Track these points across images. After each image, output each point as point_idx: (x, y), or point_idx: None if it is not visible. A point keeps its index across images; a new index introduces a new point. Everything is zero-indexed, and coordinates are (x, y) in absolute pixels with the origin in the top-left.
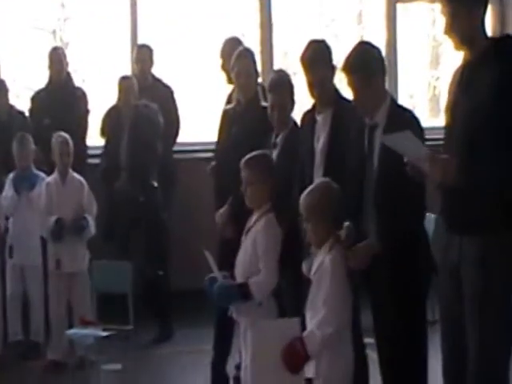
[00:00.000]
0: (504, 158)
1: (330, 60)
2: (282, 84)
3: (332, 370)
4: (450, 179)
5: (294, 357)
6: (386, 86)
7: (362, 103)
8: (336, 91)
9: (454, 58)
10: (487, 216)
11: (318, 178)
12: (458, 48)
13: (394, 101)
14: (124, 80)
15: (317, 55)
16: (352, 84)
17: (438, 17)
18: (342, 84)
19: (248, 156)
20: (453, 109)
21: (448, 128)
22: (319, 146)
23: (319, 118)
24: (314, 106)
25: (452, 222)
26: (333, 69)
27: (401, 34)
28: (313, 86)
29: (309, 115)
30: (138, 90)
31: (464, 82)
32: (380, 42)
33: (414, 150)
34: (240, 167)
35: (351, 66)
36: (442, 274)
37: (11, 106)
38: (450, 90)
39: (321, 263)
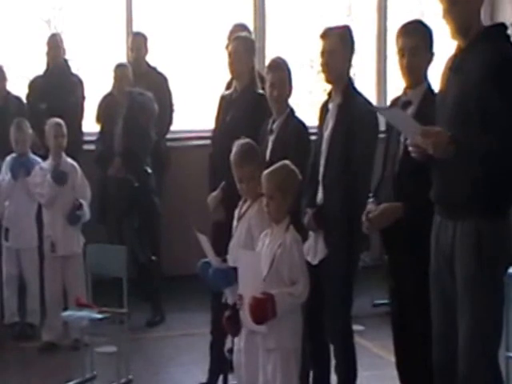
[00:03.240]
0: (493, 136)
1: (352, 48)
2: (282, 64)
3: (288, 339)
4: (442, 151)
5: (262, 311)
6: (375, 77)
7: (411, 70)
8: (350, 82)
9: (441, 50)
10: (482, 202)
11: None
12: (453, 36)
13: (430, 87)
14: (119, 67)
15: (342, 40)
16: (410, 46)
17: (426, 10)
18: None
19: (241, 153)
20: (445, 91)
21: (439, 108)
22: (326, 134)
23: (330, 106)
24: (329, 96)
25: (446, 207)
26: (351, 57)
27: (391, 26)
28: (328, 70)
29: (324, 105)
30: (132, 77)
31: (456, 65)
32: (370, 34)
33: (408, 126)
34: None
35: (415, 27)
36: (434, 254)
37: (8, 92)
38: (443, 75)
39: (283, 242)
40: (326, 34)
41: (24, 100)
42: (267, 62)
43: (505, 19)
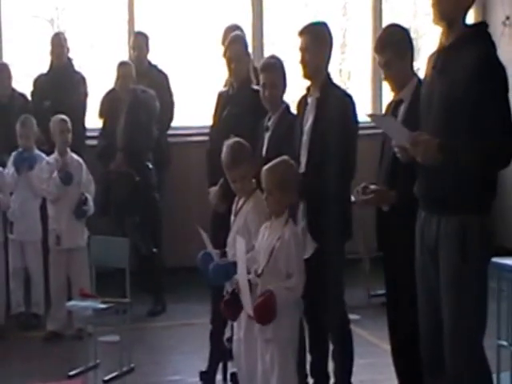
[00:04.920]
0: (480, 136)
1: (330, 44)
2: (274, 64)
3: (286, 330)
4: (431, 158)
5: (268, 312)
6: (371, 76)
7: (392, 79)
8: (328, 77)
9: (429, 49)
10: (466, 197)
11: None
12: (436, 22)
13: (420, 81)
14: (122, 65)
15: (318, 37)
16: (383, 61)
17: (419, 10)
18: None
19: (231, 155)
20: (429, 91)
21: (424, 110)
22: (306, 127)
23: (309, 100)
24: (307, 91)
25: (430, 203)
26: (328, 53)
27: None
28: (306, 66)
29: (303, 99)
30: (135, 75)
31: (440, 65)
32: (365, 33)
33: (398, 133)
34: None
35: (384, 43)
36: (419, 249)
37: (13, 89)
38: (425, 74)
39: (281, 235)
40: (303, 32)
41: (29, 97)
42: None
43: (496, 18)
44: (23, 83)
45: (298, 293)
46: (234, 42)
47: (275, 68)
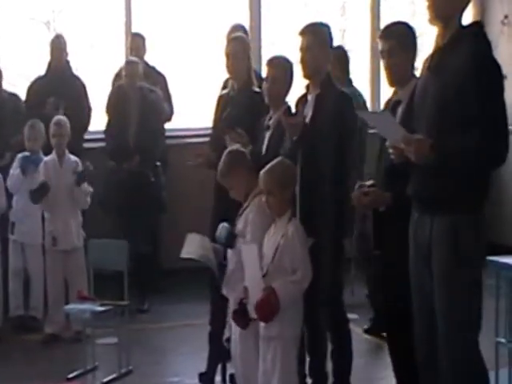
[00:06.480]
0: (473, 136)
1: (330, 44)
2: (278, 61)
3: (290, 328)
4: (424, 158)
5: (269, 310)
6: (369, 76)
7: (391, 70)
8: (328, 76)
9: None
10: (458, 197)
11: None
12: (431, 22)
13: None
14: (129, 64)
15: (319, 37)
16: (386, 48)
17: (418, 9)
18: None
19: (226, 164)
20: (423, 90)
21: (418, 109)
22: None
23: (309, 97)
24: (307, 89)
25: (423, 203)
26: (328, 54)
27: (384, 25)
28: (307, 65)
29: (303, 97)
30: (143, 73)
31: (434, 64)
32: (363, 33)
33: (392, 132)
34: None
35: (389, 31)
36: (413, 249)
37: (2, 90)
38: (420, 74)
39: (285, 233)
40: (304, 32)
41: (21, 97)
42: (263, 61)
43: (495, 16)
44: (18, 85)
45: (305, 285)
46: (234, 40)
47: (278, 64)
